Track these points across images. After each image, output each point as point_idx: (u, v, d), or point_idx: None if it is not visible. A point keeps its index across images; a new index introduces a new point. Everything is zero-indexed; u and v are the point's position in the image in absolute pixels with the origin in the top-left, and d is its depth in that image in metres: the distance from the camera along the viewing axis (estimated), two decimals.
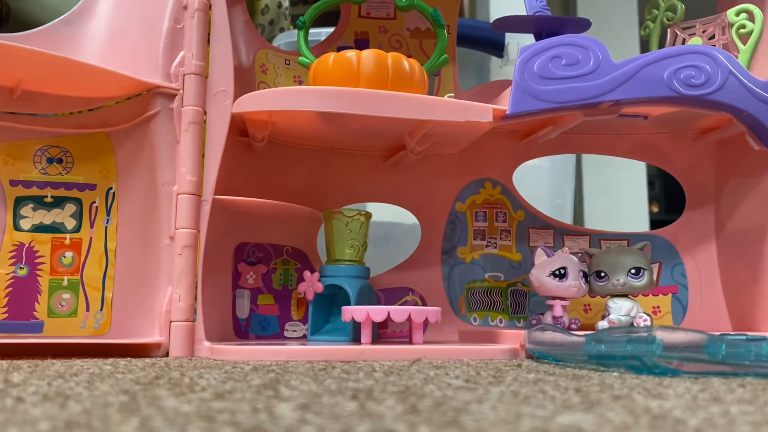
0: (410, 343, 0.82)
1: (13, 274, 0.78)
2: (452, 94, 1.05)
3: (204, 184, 0.83)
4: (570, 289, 0.86)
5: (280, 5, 1.56)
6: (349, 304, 0.88)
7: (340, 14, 1.06)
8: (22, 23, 1.19)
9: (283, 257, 0.99)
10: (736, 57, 0.91)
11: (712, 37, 0.95)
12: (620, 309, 0.86)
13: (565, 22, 0.90)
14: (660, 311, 1.05)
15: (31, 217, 0.80)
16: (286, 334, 0.98)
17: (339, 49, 0.92)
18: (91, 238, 0.82)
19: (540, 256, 0.89)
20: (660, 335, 0.55)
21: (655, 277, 1.02)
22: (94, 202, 0.82)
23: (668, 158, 1.09)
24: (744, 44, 0.91)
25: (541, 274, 0.88)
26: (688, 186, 1.08)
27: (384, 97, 0.82)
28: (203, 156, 0.84)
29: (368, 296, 0.93)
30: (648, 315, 0.86)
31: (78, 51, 0.82)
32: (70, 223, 0.81)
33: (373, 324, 0.85)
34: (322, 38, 1.07)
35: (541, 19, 0.89)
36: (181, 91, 0.84)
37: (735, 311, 1.03)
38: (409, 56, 0.89)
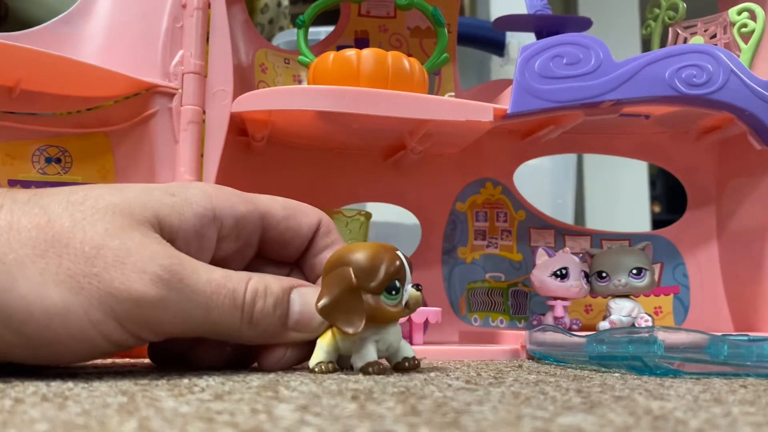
0: (410, 343, 0.82)
1: None
2: (453, 94, 1.04)
3: None
4: (571, 289, 0.86)
5: (279, 4, 1.56)
6: None
7: (339, 13, 1.05)
8: (21, 22, 1.19)
9: None
10: (738, 56, 0.90)
11: (714, 36, 0.95)
12: (621, 309, 0.85)
13: (566, 21, 0.90)
14: (661, 312, 1.04)
15: None
16: None
17: (339, 48, 0.91)
18: None
19: (541, 257, 0.89)
20: (661, 336, 0.54)
21: (657, 277, 1.02)
22: None
23: (669, 158, 1.08)
24: (746, 43, 0.91)
25: (542, 275, 0.87)
26: (689, 186, 1.08)
27: (384, 97, 0.82)
28: (202, 156, 0.84)
29: None
30: (649, 315, 0.86)
31: (76, 50, 0.82)
32: None
33: None
34: (322, 37, 1.07)
35: (541, 18, 0.89)
36: (180, 90, 0.83)
37: (737, 312, 1.02)
38: (410, 55, 0.89)
